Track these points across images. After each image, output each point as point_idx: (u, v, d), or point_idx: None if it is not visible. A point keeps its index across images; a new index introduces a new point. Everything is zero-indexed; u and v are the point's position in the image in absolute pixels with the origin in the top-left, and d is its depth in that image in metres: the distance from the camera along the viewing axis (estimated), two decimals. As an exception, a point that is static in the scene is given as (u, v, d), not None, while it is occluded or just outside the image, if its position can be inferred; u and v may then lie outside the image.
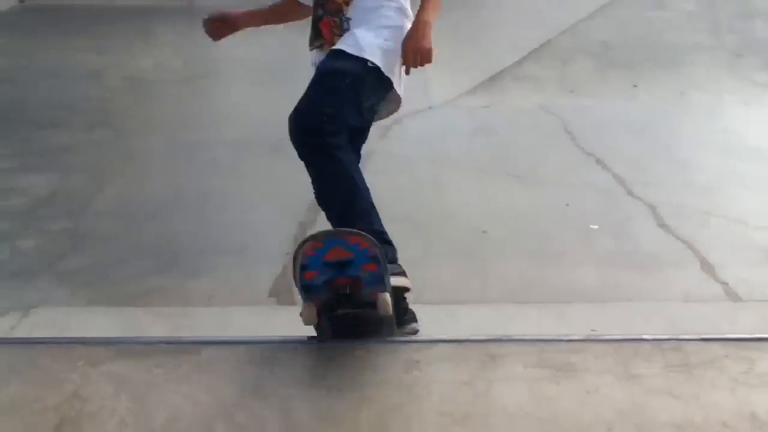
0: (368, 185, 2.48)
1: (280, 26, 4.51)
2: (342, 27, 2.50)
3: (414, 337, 2.50)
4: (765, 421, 2.05)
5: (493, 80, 6.24)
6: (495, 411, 2.12)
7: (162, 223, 4.15)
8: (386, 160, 5.06)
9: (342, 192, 2.40)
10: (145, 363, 2.33)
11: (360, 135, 2.58)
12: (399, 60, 2.44)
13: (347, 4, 2.49)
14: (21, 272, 3.62)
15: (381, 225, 2.44)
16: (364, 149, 2.73)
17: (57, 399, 2.17)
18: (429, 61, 2.38)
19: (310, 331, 2.41)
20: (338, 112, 2.34)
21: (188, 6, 8.35)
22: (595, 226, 4.09)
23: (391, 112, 2.72)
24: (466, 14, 8.50)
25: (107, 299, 3.39)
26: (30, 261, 3.76)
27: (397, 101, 2.62)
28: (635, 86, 6.07)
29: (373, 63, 2.39)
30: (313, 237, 2.24)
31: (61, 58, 7.00)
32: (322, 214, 3.68)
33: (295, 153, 2.45)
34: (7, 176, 4.65)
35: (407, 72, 2.45)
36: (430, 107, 5.87)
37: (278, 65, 6.90)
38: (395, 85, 2.52)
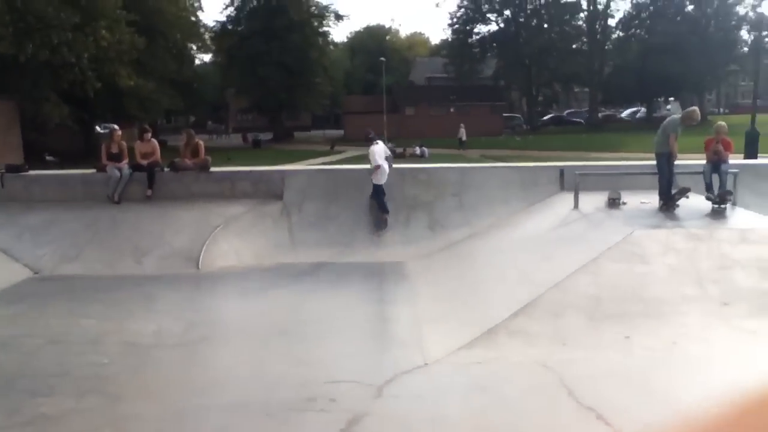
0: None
1: (280, 289, 4.56)
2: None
3: None
4: None
5: (487, 335, 6.30)
6: None
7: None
8: (381, 423, 4.96)
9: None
10: None
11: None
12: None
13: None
14: None
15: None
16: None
17: None
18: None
19: None
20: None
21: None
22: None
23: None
24: (460, 270, 8.93)
25: None
26: None
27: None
28: (627, 338, 6.12)
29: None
30: None
31: (65, 326, 7.20)
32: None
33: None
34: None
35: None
36: (425, 364, 5.88)
37: (276, 327, 7.07)
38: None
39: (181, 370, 6.03)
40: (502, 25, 60.61)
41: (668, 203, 9.21)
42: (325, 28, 53.48)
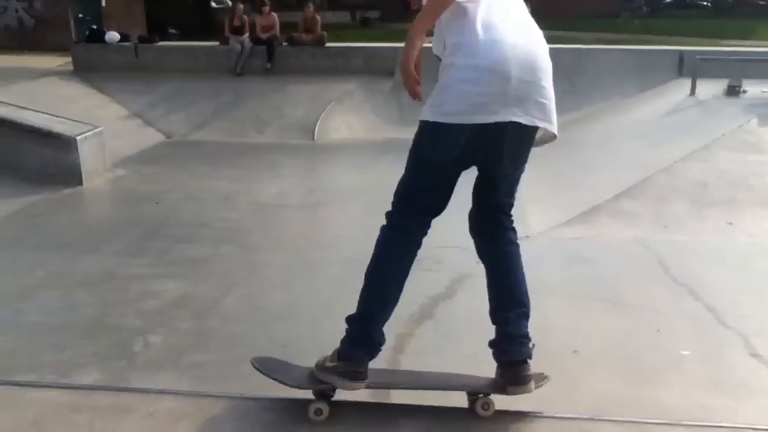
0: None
1: (389, 162, 4.99)
2: None
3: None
4: None
5: (588, 215, 6.53)
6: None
7: (278, 329, 4.60)
8: (481, 282, 5.41)
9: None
10: None
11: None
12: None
13: None
14: (150, 363, 4.14)
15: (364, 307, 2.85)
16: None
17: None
18: (407, 83, 2.64)
19: None
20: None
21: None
22: (686, 352, 4.19)
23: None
24: (567, 153, 9.00)
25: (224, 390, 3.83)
26: (158, 354, 4.25)
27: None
28: (730, 224, 6.19)
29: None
30: None
31: (199, 185, 8.03)
32: (421, 327, 4.12)
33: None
34: (145, 282, 5.30)
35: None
36: (526, 236, 6.21)
37: (387, 196, 7.55)
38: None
39: (303, 227, 6.70)
40: None
41: (795, 93, 8.79)
42: None
